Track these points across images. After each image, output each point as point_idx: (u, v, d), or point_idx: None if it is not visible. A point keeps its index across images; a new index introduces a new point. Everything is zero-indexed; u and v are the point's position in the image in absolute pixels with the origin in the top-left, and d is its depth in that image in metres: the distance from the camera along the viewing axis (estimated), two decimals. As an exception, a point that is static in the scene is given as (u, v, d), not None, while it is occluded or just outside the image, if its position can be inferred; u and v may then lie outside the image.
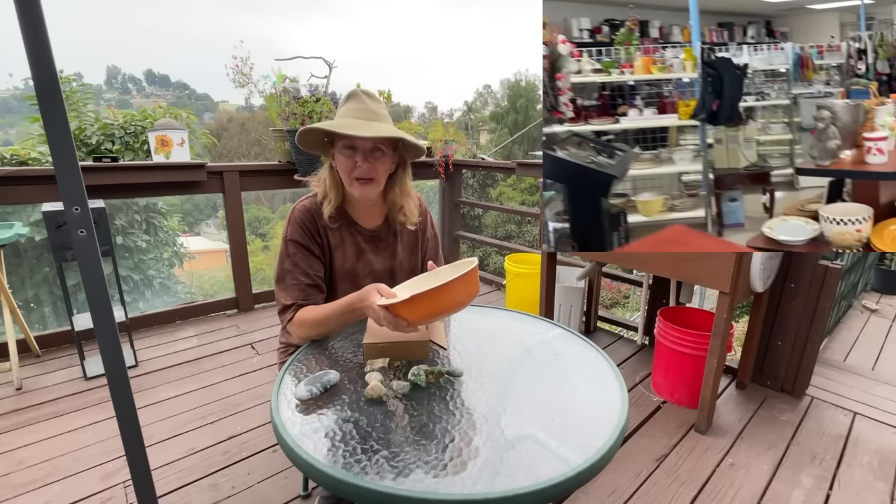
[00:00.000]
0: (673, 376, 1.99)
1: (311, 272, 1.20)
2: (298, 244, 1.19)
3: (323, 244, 1.22)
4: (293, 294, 1.18)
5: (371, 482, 0.67)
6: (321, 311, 1.14)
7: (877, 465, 1.65)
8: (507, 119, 30.46)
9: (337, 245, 1.24)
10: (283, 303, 1.19)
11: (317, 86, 2.86)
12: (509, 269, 2.96)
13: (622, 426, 0.80)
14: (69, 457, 1.64)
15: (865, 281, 4.12)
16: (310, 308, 1.16)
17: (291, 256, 1.19)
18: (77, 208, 0.63)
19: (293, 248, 1.19)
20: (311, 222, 1.21)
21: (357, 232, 1.27)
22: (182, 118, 3.40)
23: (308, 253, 1.20)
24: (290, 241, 1.20)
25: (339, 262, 1.25)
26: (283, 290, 1.19)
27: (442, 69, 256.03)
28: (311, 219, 1.21)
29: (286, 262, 1.20)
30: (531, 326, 1.23)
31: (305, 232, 1.20)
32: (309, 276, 1.19)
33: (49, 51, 0.58)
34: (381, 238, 1.30)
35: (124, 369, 0.71)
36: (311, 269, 1.19)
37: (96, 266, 0.65)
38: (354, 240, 1.26)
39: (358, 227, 1.27)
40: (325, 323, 1.12)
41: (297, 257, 1.19)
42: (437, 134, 3.58)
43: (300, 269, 1.19)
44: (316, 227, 1.21)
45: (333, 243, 1.24)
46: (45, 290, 3.08)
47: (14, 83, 79.82)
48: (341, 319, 1.11)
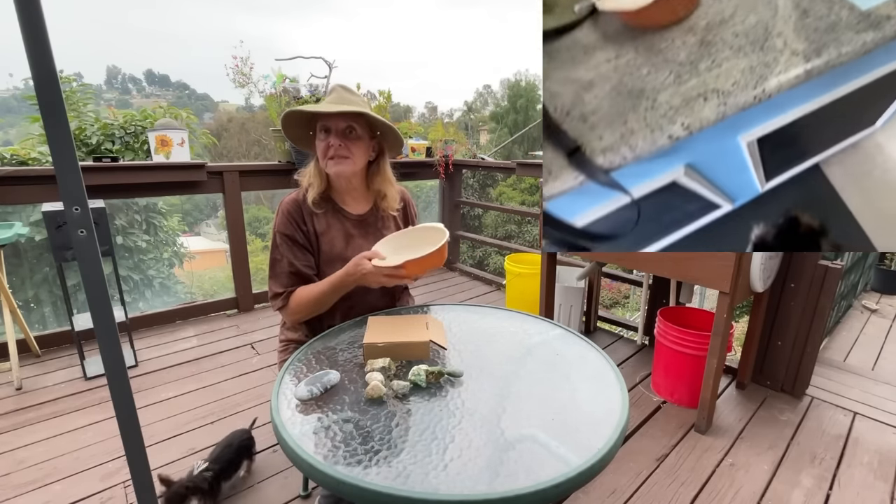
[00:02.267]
0: (673, 376, 1.99)
1: (297, 262, 1.26)
2: (284, 235, 1.26)
3: (308, 231, 1.28)
4: (282, 282, 1.26)
5: (371, 482, 0.67)
6: (313, 289, 1.24)
7: (877, 465, 1.65)
8: (507, 119, 30.48)
9: (323, 230, 1.29)
10: (273, 290, 1.27)
11: (317, 86, 2.86)
12: (509, 269, 2.96)
13: (622, 426, 0.80)
14: (69, 457, 1.64)
15: (865, 281, 4.12)
16: (302, 289, 1.25)
17: (279, 247, 1.27)
18: (77, 208, 0.63)
19: (280, 240, 1.27)
20: (297, 211, 1.28)
21: (344, 217, 1.32)
22: (182, 118, 3.39)
23: (293, 243, 1.27)
24: (277, 232, 1.27)
25: (328, 247, 1.30)
26: (273, 279, 1.28)
27: (442, 69, 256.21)
28: (297, 208, 1.28)
29: (275, 253, 1.28)
30: (531, 326, 1.23)
31: (291, 222, 1.26)
32: (294, 265, 1.26)
33: (49, 51, 0.58)
34: (370, 223, 1.36)
35: (124, 369, 0.71)
36: (296, 259, 1.26)
37: (96, 266, 0.65)
38: (342, 225, 1.32)
39: (345, 212, 1.33)
40: (319, 300, 1.23)
41: (283, 248, 1.26)
42: (437, 134, 3.58)
43: (286, 259, 1.26)
44: (301, 216, 1.27)
45: (320, 229, 1.29)
46: (45, 290, 3.07)
47: (14, 83, 79.86)
48: (335, 294, 1.22)
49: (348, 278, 1.18)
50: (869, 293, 4.13)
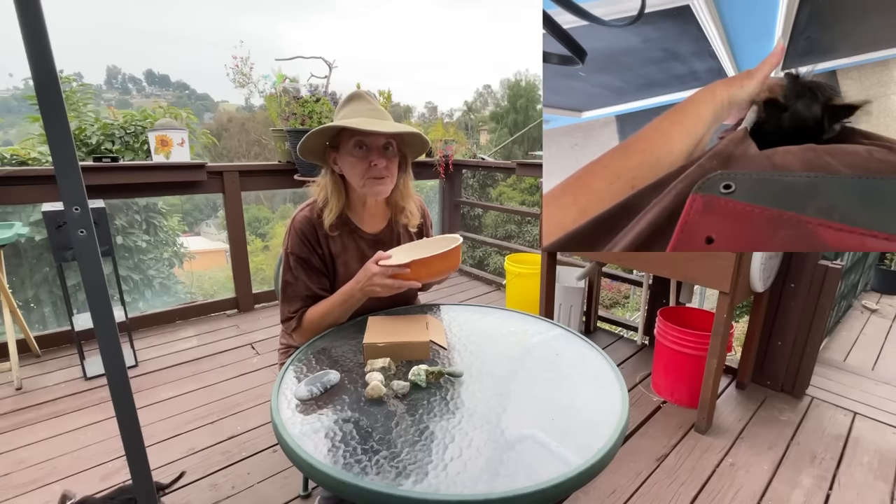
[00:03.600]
0: (673, 376, 1.99)
1: (312, 285, 1.20)
2: (299, 258, 1.20)
3: (324, 255, 1.22)
4: (295, 305, 1.20)
5: (371, 482, 0.67)
6: (323, 305, 1.18)
7: (877, 465, 1.65)
8: (507, 119, 30.47)
9: (339, 253, 1.23)
10: (285, 314, 1.21)
11: (317, 86, 2.86)
12: (509, 269, 2.96)
13: (622, 426, 0.80)
14: (69, 457, 1.64)
15: (865, 281, 4.12)
16: (312, 308, 1.19)
17: (293, 269, 1.20)
18: (77, 208, 0.63)
19: (294, 262, 1.20)
20: (312, 233, 1.20)
21: (360, 238, 1.26)
22: (182, 118, 3.39)
23: (308, 267, 1.20)
24: (291, 254, 1.20)
25: (343, 270, 1.24)
26: (285, 302, 1.22)
27: (442, 69, 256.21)
28: (312, 229, 1.20)
29: (287, 275, 1.20)
30: (531, 326, 1.23)
31: (306, 244, 1.19)
32: (310, 288, 1.20)
33: (49, 51, 0.58)
34: (385, 242, 1.29)
35: (124, 369, 0.71)
36: (311, 282, 1.20)
37: (96, 266, 0.65)
38: (357, 245, 1.25)
39: (360, 232, 1.26)
40: (330, 313, 1.18)
41: (297, 271, 1.20)
42: (437, 134, 3.58)
43: (301, 282, 1.20)
44: (316, 238, 1.20)
45: (335, 252, 1.23)
46: (45, 290, 3.07)
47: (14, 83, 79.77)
48: (345, 306, 1.17)
49: (356, 285, 1.13)
50: (869, 293, 4.13)
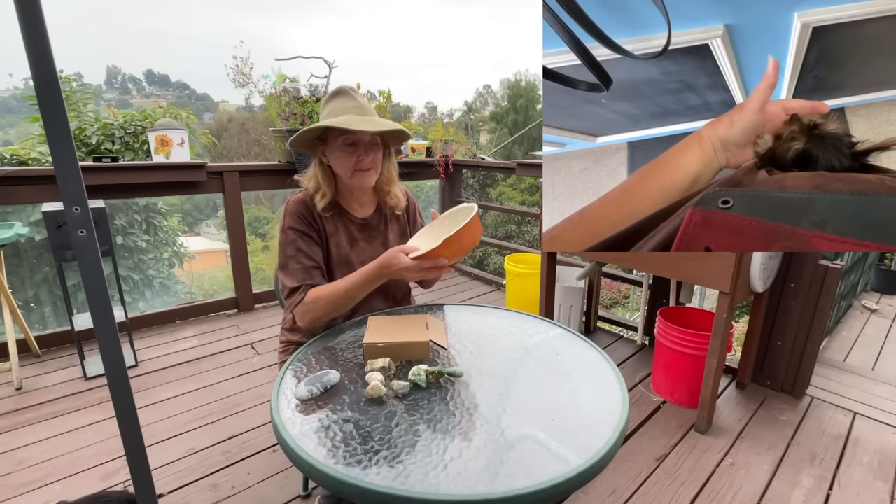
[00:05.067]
0: (673, 376, 1.99)
1: (313, 255, 1.23)
2: (297, 230, 1.23)
3: (320, 231, 1.27)
4: (298, 276, 1.21)
5: (371, 482, 0.67)
6: (338, 285, 1.17)
7: (877, 465, 1.65)
8: (507, 119, 30.45)
9: (332, 233, 1.28)
10: (289, 286, 1.21)
11: (317, 86, 2.86)
12: (509, 269, 2.96)
13: (622, 426, 0.80)
14: (69, 457, 1.64)
15: (865, 281, 4.12)
16: (322, 287, 1.19)
17: (292, 242, 1.23)
18: (77, 208, 0.63)
19: (293, 235, 1.23)
20: (307, 212, 1.25)
21: (349, 221, 1.32)
22: (182, 118, 3.39)
23: (308, 238, 1.24)
24: (289, 228, 1.23)
25: (335, 250, 1.29)
26: (287, 275, 1.22)
27: (442, 69, 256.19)
28: (307, 209, 1.25)
29: (288, 249, 1.23)
30: (531, 326, 1.23)
31: (303, 220, 1.24)
32: (311, 258, 1.22)
33: (49, 51, 0.58)
34: (373, 227, 1.35)
35: (124, 369, 0.70)
36: (311, 253, 1.23)
37: (96, 266, 0.65)
38: (347, 228, 1.31)
39: (350, 216, 1.32)
40: (346, 294, 1.16)
41: (297, 243, 1.23)
42: (437, 134, 3.58)
43: (303, 252, 1.22)
44: (312, 216, 1.25)
45: (329, 231, 1.28)
46: (45, 290, 3.07)
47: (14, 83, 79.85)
48: (366, 287, 1.16)
49: (383, 270, 1.11)
50: (869, 293, 4.13)
